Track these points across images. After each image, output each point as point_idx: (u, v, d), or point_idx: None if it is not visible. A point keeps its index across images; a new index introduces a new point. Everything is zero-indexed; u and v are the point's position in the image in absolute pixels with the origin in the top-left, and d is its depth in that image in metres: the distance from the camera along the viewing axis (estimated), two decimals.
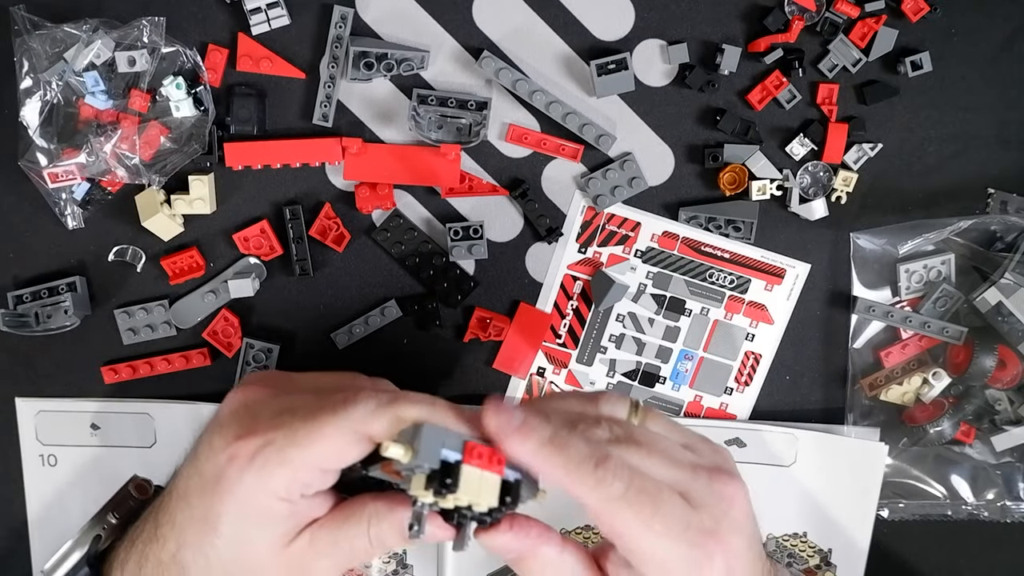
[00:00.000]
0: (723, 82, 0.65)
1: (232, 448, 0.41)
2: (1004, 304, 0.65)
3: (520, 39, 0.64)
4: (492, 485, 0.40)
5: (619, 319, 0.68)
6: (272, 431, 0.41)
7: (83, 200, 0.63)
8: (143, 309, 0.65)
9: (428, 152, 0.64)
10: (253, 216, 0.65)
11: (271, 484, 0.40)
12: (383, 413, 0.40)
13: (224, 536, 0.41)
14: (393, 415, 0.40)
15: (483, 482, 0.40)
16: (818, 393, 0.69)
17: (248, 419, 0.43)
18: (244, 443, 0.41)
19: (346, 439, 0.40)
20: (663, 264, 0.67)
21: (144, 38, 0.61)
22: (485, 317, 0.67)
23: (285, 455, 0.40)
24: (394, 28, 0.64)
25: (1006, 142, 0.67)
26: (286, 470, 0.40)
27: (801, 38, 0.64)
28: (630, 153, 0.66)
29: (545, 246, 0.67)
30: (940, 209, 0.67)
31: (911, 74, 0.64)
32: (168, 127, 0.62)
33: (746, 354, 0.68)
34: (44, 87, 0.60)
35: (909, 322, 0.67)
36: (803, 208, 0.66)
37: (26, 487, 0.66)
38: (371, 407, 0.40)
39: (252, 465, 0.40)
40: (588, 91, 0.65)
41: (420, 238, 0.66)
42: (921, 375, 0.67)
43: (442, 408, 0.42)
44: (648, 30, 0.64)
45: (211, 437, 0.43)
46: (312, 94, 0.64)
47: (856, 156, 0.66)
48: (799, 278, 0.67)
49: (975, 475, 0.69)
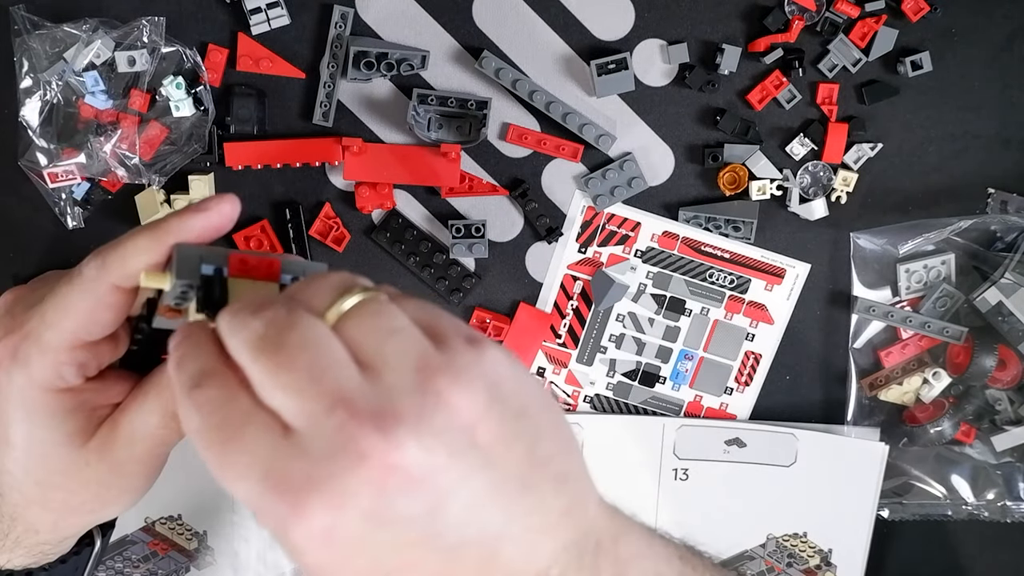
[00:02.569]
0: (723, 82, 0.65)
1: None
2: (1004, 304, 0.65)
3: (520, 39, 0.64)
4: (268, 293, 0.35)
5: (619, 319, 0.68)
6: (26, 323, 0.38)
7: (83, 200, 0.63)
8: None
9: (428, 152, 0.64)
10: (253, 216, 0.65)
11: (40, 375, 0.37)
12: (113, 255, 0.36)
13: (19, 446, 0.39)
14: (125, 251, 0.36)
15: (256, 291, 0.35)
16: (818, 393, 0.69)
17: (7, 321, 0.39)
18: (4, 344, 0.38)
19: (93, 298, 0.37)
20: (663, 264, 0.67)
21: (144, 38, 0.61)
22: (485, 317, 0.67)
23: (42, 341, 0.37)
24: (394, 28, 0.64)
25: (1006, 142, 0.67)
26: (48, 356, 0.37)
27: (801, 38, 0.64)
28: (630, 153, 0.66)
29: (545, 246, 0.67)
30: (940, 209, 0.67)
31: (911, 74, 0.64)
32: (168, 127, 0.62)
33: (746, 354, 0.68)
34: (44, 87, 0.60)
35: (909, 322, 0.67)
36: (803, 208, 0.66)
37: None
38: (99, 259, 0.37)
39: (16, 362, 0.37)
40: (588, 91, 0.65)
41: (420, 237, 0.66)
42: (921, 375, 0.67)
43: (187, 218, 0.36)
44: (648, 30, 0.64)
45: None
46: (312, 94, 0.64)
47: (856, 156, 0.66)
48: (799, 278, 0.67)
49: (975, 475, 0.69)
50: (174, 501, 0.68)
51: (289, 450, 0.29)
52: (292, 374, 0.29)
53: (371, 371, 0.30)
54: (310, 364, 0.29)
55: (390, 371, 0.30)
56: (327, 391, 0.29)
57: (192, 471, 0.60)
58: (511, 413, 0.31)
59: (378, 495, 0.28)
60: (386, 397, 0.29)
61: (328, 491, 0.28)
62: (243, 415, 0.30)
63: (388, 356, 0.30)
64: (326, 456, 0.28)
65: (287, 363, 0.29)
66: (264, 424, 0.29)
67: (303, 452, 0.29)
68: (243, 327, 0.31)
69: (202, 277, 0.35)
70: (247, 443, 0.29)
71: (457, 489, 0.30)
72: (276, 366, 0.30)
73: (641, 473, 0.68)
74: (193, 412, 0.30)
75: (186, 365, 0.32)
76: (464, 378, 0.30)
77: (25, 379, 0.37)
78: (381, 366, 0.30)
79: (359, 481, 0.28)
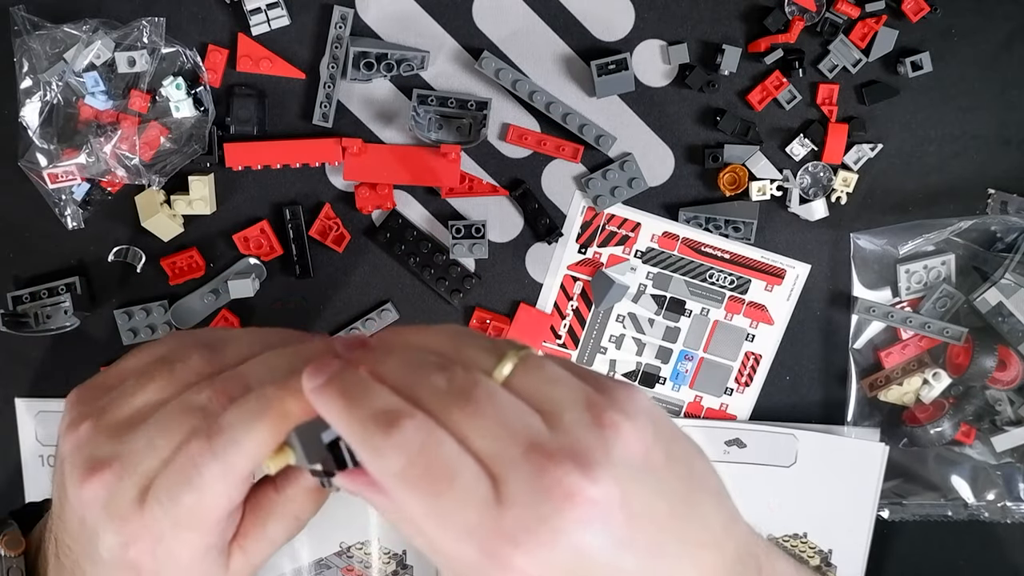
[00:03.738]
0: (723, 82, 0.65)
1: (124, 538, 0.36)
2: (1004, 304, 0.65)
3: (520, 39, 0.64)
4: None
5: (619, 319, 0.68)
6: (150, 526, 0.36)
7: (83, 200, 0.63)
8: (143, 309, 0.65)
9: (428, 152, 0.64)
10: (253, 216, 0.65)
11: (183, 554, 0.37)
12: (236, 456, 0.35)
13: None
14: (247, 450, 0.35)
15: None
16: (818, 393, 0.69)
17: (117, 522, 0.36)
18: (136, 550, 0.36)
19: (223, 497, 0.36)
20: (663, 264, 0.67)
21: (144, 38, 0.61)
22: (485, 317, 0.67)
23: (182, 539, 0.36)
24: (394, 28, 0.64)
25: (1006, 142, 0.67)
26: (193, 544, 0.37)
27: (801, 38, 0.64)
28: (630, 153, 0.66)
29: (545, 246, 0.67)
30: (940, 209, 0.67)
31: (911, 74, 0.64)
32: (168, 127, 0.62)
33: (746, 354, 0.68)
34: (44, 87, 0.60)
35: (909, 322, 0.67)
36: (803, 208, 0.66)
37: (26, 488, 0.66)
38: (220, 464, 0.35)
39: (158, 551, 0.36)
40: (588, 91, 0.65)
41: (420, 238, 0.66)
42: (921, 375, 0.67)
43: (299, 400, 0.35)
44: (648, 30, 0.64)
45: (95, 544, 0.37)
46: (312, 94, 0.64)
47: (856, 156, 0.66)
48: (799, 278, 0.67)
49: (975, 475, 0.69)
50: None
51: (498, 496, 0.30)
52: (486, 422, 0.31)
53: (549, 416, 0.32)
54: (499, 414, 0.31)
55: (566, 414, 0.32)
56: (521, 438, 0.31)
57: None
58: (668, 437, 0.33)
59: (585, 530, 0.30)
60: (573, 437, 0.31)
61: (542, 533, 0.29)
62: (452, 459, 0.30)
63: (560, 401, 0.32)
64: (535, 499, 0.29)
65: (480, 413, 0.31)
66: (473, 471, 0.30)
67: (511, 497, 0.30)
68: (426, 380, 0.32)
69: (328, 447, 0.34)
70: (460, 491, 0.30)
71: (643, 513, 0.31)
72: (470, 415, 0.31)
73: None
74: (395, 454, 0.30)
75: (365, 403, 0.32)
76: (630, 412, 0.32)
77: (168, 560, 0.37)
78: (558, 411, 0.32)
79: (569, 520, 0.29)
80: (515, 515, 0.29)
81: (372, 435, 0.31)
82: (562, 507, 0.29)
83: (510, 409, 0.31)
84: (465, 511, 0.30)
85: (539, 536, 0.29)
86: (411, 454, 0.30)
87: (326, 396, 0.33)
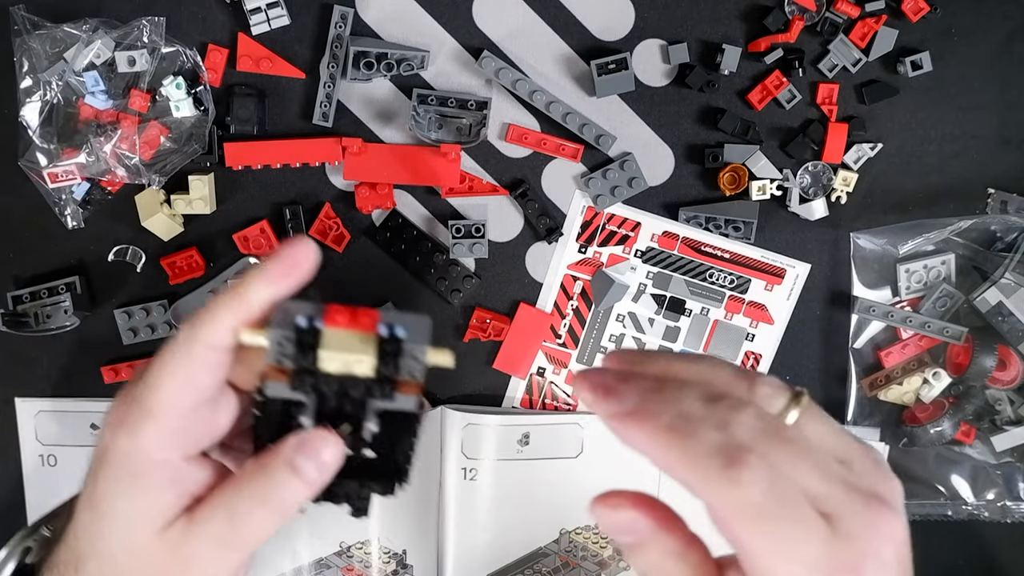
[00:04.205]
0: (723, 82, 0.65)
1: (108, 417, 0.39)
2: (1004, 304, 0.65)
3: (520, 39, 0.64)
4: (365, 344, 0.36)
5: (619, 319, 0.68)
6: (134, 389, 0.38)
7: (83, 200, 0.63)
8: (143, 309, 0.65)
9: (428, 152, 0.64)
10: (253, 216, 0.65)
11: (143, 441, 0.37)
12: (202, 316, 0.37)
13: (106, 515, 0.38)
14: (212, 311, 0.37)
15: (354, 342, 0.35)
16: (818, 393, 0.69)
17: (123, 391, 0.39)
18: (115, 409, 0.38)
19: (187, 359, 0.37)
20: (663, 264, 0.67)
21: (144, 38, 0.61)
22: (485, 317, 0.67)
23: (144, 405, 0.37)
24: (394, 28, 0.64)
25: (1006, 142, 0.67)
26: (150, 421, 0.37)
27: (801, 38, 0.64)
28: (630, 153, 0.66)
29: (545, 246, 0.67)
30: (940, 209, 0.67)
31: (911, 74, 0.64)
32: (168, 127, 0.62)
33: (746, 354, 0.68)
34: (44, 87, 0.60)
35: (909, 322, 0.67)
36: (803, 208, 0.66)
37: (26, 487, 0.66)
38: (190, 322, 0.37)
39: (122, 427, 0.38)
40: (588, 91, 0.65)
41: (420, 237, 0.66)
42: (921, 375, 0.67)
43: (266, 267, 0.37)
44: (648, 30, 0.64)
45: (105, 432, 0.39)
46: (312, 94, 0.64)
47: (856, 156, 0.66)
48: (799, 278, 0.67)
49: (975, 475, 0.69)
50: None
51: (833, 531, 0.32)
52: (808, 464, 0.33)
53: (846, 463, 0.35)
54: (816, 458, 0.34)
55: (859, 462, 0.35)
56: (837, 479, 0.33)
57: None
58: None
59: (896, 566, 0.33)
60: (869, 484, 0.34)
61: (874, 563, 0.33)
62: (798, 496, 0.32)
63: (850, 450, 0.35)
64: (868, 534, 0.33)
65: (801, 455, 0.33)
66: (811, 509, 0.33)
67: (849, 532, 0.32)
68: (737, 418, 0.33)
69: (296, 328, 0.35)
70: (807, 525, 0.32)
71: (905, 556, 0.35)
72: (792, 456, 0.33)
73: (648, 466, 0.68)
74: (752, 488, 0.32)
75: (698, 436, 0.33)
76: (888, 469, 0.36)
77: (129, 443, 0.37)
78: (850, 459, 0.35)
79: (888, 554, 0.33)
80: (856, 548, 0.32)
81: (719, 468, 0.32)
82: (883, 543, 0.33)
83: (820, 451, 0.34)
84: (810, 545, 0.32)
85: (869, 566, 0.32)
86: (764, 487, 0.32)
87: (648, 428, 0.33)
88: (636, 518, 0.35)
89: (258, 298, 0.37)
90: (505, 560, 0.67)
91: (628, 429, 0.33)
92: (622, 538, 0.35)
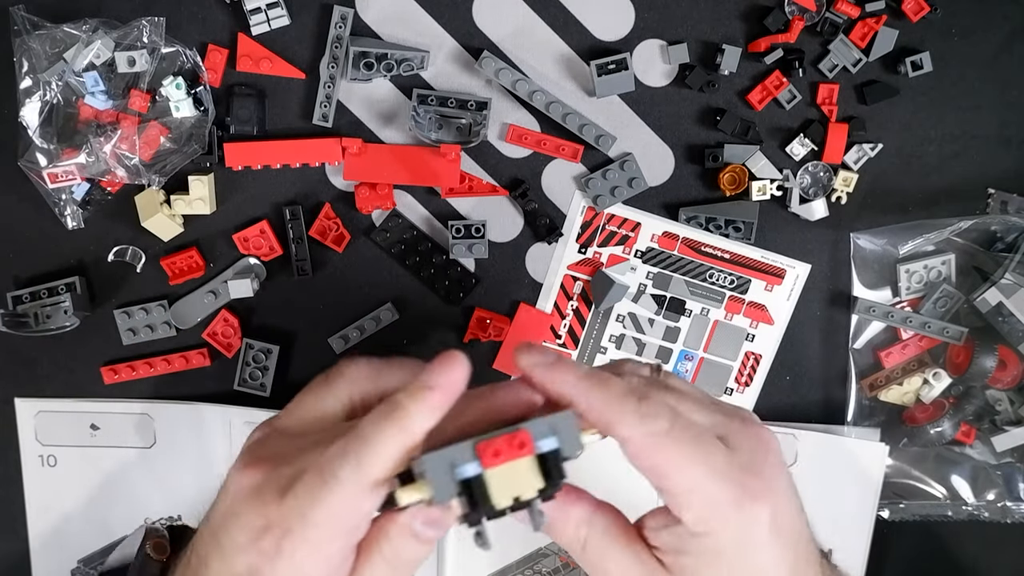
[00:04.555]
0: (723, 82, 0.65)
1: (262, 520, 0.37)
2: (1004, 304, 0.65)
3: (520, 39, 0.64)
4: (528, 469, 0.36)
5: (619, 319, 0.68)
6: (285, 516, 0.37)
7: (83, 200, 0.63)
8: (143, 309, 0.65)
9: (428, 152, 0.64)
10: (253, 216, 0.65)
11: (311, 570, 0.37)
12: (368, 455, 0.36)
13: None
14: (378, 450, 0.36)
15: (517, 472, 0.35)
16: (818, 393, 0.69)
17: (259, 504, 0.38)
18: (267, 536, 0.37)
19: (351, 500, 0.36)
20: (663, 264, 0.67)
21: (144, 38, 0.61)
22: (485, 317, 0.67)
23: (309, 540, 0.37)
24: (394, 28, 0.64)
25: (1006, 142, 0.67)
26: (317, 554, 0.37)
27: (801, 38, 0.64)
28: (630, 153, 0.66)
29: (545, 246, 0.67)
30: (940, 209, 0.67)
31: (911, 74, 0.64)
32: (168, 127, 0.62)
33: (746, 354, 0.68)
34: (44, 87, 0.60)
35: (909, 322, 0.67)
36: (803, 208, 0.66)
37: (26, 487, 0.66)
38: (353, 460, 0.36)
39: (281, 556, 0.37)
40: (588, 91, 0.65)
41: (420, 238, 0.66)
42: (921, 375, 0.67)
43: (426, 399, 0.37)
44: (648, 30, 0.64)
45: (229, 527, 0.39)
46: (312, 94, 0.64)
47: (856, 156, 0.66)
48: (799, 278, 0.67)
49: (975, 475, 0.69)
50: None
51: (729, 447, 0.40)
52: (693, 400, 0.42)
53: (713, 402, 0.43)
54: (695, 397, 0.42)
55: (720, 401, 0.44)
56: (717, 410, 0.42)
57: None
58: None
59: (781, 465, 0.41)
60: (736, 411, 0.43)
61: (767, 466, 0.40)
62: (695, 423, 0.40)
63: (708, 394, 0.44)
64: (754, 445, 0.40)
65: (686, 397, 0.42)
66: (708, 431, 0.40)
67: (739, 446, 0.40)
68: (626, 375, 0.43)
69: (461, 484, 0.35)
70: (707, 443, 0.39)
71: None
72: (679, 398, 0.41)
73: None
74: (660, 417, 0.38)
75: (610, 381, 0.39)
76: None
77: (293, 572, 0.37)
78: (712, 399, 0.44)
79: (774, 457, 0.41)
80: (748, 454, 0.40)
81: (634, 405, 0.38)
82: (769, 450, 0.41)
83: (695, 392, 0.43)
84: (716, 455, 0.38)
85: (766, 469, 0.40)
86: (669, 417, 0.38)
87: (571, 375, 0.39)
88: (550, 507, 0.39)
89: (421, 429, 0.36)
90: (505, 560, 0.68)
91: (558, 372, 0.39)
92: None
